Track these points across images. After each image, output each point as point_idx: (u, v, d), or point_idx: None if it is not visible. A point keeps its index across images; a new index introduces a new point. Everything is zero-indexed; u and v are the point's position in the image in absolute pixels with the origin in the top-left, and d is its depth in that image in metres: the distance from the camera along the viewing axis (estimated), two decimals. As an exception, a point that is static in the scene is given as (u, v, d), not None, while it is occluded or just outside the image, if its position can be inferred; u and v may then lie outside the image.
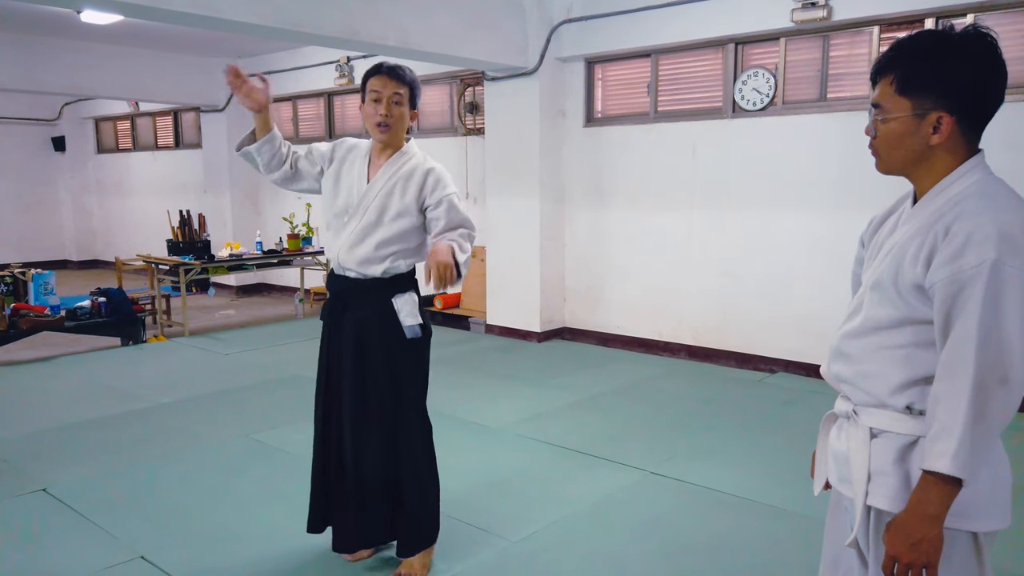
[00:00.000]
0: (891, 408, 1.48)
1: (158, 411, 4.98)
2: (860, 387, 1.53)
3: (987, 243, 1.32)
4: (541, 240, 6.80)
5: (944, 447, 1.33)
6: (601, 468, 3.94)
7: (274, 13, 4.87)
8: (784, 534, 3.19)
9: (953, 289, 1.35)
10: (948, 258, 1.36)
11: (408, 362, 2.73)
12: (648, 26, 6.07)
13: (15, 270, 6.86)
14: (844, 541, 1.60)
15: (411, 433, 2.77)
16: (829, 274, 5.39)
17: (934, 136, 1.43)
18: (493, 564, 2.97)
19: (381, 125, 2.65)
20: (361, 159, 2.77)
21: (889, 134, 1.47)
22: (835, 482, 1.61)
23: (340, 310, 2.74)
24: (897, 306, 1.46)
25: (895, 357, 1.47)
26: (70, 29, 7.75)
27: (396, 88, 2.64)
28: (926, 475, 1.37)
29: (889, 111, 1.46)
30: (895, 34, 5.15)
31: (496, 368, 6.06)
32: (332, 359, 2.77)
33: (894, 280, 1.45)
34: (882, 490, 1.47)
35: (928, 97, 1.42)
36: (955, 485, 1.34)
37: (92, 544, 3.15)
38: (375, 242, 2.65)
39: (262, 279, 10.10)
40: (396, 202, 2.66)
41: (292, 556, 3.02)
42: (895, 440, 1.47)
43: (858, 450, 1.51)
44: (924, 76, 1.42)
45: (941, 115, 1.42)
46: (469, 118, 7.59)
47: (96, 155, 12.86)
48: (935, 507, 1.35)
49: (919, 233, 1.43)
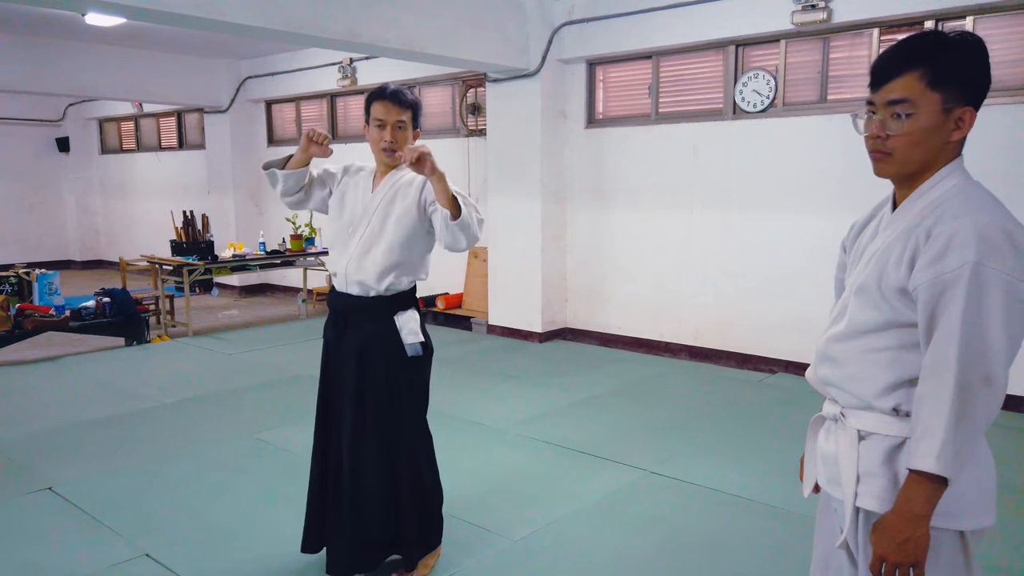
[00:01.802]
0: (878, 410, 1.49)
1: (162, 411, 5.02)
2: (847, 390, 1.54)
3: (968, 245, 1.34)
4: (543, 241, 6.83)
5: (928, 447, 1.34)
6: (602, 468, 3.97)
7: (277, 15, 4.91)
8: (783, 534, 3.21)
9: (936, 291, 1.36)
10: (930, 261, 1.37)
11: (409, 380, 2.73)
12: (649, 28, 6.10)
13: (20, 270, 6.91)
14: (834, 542, 1.61)
15: (414, 447, 2.78)
16: (829, 275, 5.31)
17: (955, 132, 1.43)
18: (494, 563, 3.00)
19: (387, 151, 2.69)
20: (366, 178, 2.82)
21: (915, 130, 1.42)
22: (824, 484, 1.62)
23: (342, 327, 2.76)
24: (881, 309, 1.47)
25: (881, 360, 1.48)
26: (74, 31, 7.79)
27: (399, 115, 2.66)
28: (912, 475, 1.38)
29: (919, 105, 1.41)
30: (895, 36, 5.16)
31: (498, 368, 6.09)
32: (332, 377, 2.79)
33: (878, 284, 1.46)
34: (871, 491, 1.49)
35: (957, 91, 1.41)
36: (940, 484, 1.36)
37: (97, 542, 3.18)
38: (382, 249, 2.68)
39: (265, 279, 10.14)
40: (398, 206, 2.69)
41: (295, 555, 3.04)
42: (883, 442, 1.48)
43: (846, 452, 1.52)
44: (957, 70, 1.41)
45: (966, 110, 1.41)
46: (471, 119, 7.62)
47: (100, 156, 12.91)
48: (921, 506, 1.37)
49: (902, 237, 1.44)
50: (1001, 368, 1.35)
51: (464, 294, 7.85)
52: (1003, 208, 1.41)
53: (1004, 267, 1.33)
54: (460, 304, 7.84)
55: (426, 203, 2.69)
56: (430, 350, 2.81)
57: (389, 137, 2.66)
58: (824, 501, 1.69)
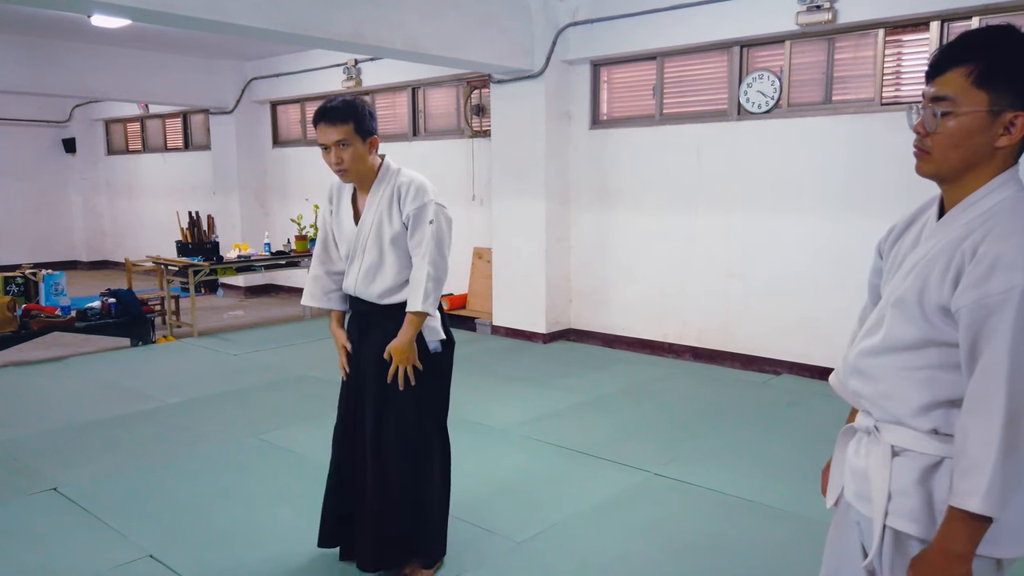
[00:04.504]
0: (914, 428, 1.41)
1: (167, 411, 5.03)
2: (880, 406, 1.46)
3: (1016, 268, 1.24)
4: (547, 242, 6.83)
5: (974, 484, 1.26)
6: (606, 469, 3.96)
7: (282, 17, 4.92)
8: (788, 536, 3.21)
9: (980, 315, 1.27)
10: (974, 282, 1.27)
11: (429, 375, 2.74)
12: (653, 29, 6.09)
13: (26, 271, 6.93)
14: (847, 557, 1.54)
15: (429, 451, 2.79)
16: (834, 277, 5.40)
17: (1003, 137, 1.32)
18: (498, 564, 3.00)
19: (339, 173, 2.67)
20: (347, 196, 2.81)
21: (955, 130, 1.33)
22: (852, 498, 1.54)
23: (364, 327, 2.80)
24: (921, 327, 1.38)
25: (917, 379, 1.40)
26: (80, 32, 7.82)
27: (337, 135, 2.56)
28: (954, 511, 1.29)
29: (960, 104, 1.32)
30: (900, 37, 5.15)
31: (501, 369, 6.09)
32: (355, 373, 2.81)
33: (918, 299, 1.37)
34: (902, 511, 1.41)
35: (1008, 93, 1.30)
36: (985, 522, 1.28)
37: (102, 543, 3.19)
38: (387, 276, 2.71)
39: (270, 280, 10.16)
40: (387, 230, 2.69)
41: (300, 556, 3.05)
42: (918, 460, 1.40)
43: (878, 468, 1.44)
44: (1010, 69, 1.30)
45: (1019, 115, 1.30)
46: (475, 120, 7.62)
47: (106, 157, 12.95)
48: (963, 545, 1.29)
49: (946, 251, 1.34)
50: None
51: (468, 295, 7.85)
52: None
53: None
54: (464, 305, 7.84)
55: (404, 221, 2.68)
56: (451, 345, 2.83)
57: (333, 159, 2.61)
58: (842, 512, 1.61)
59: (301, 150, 9.57)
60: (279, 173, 9.90)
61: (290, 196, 9.71)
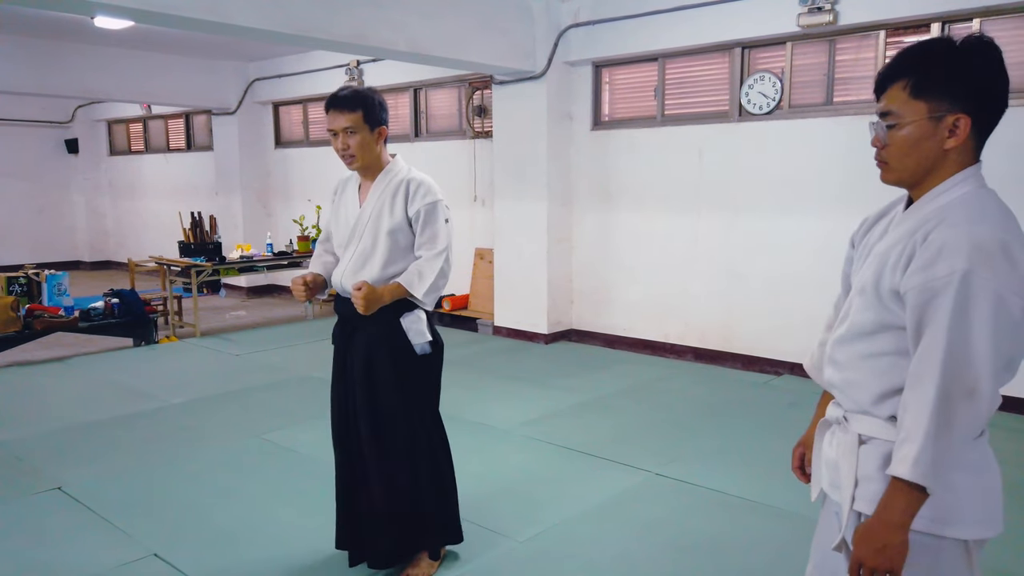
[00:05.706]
0: (876, 416, 1.49)
1: (170, 411, 5.05)
2: (847, 394, 1.55)
3: (959, 253, 1.32)
4: (548, 242, 6.84)
5: (906, 454, 1.34)
6: (607, 469, 3.97)
7: (284, 18, 4.93)
8: (788, 536, 3.21)
9: (924, 297, 1.35)
10: (921, 266, 1.36)
11: (418, 378, 2.75)
12: (655, 30, 6.11)
13: (29, 271, 6.96)
14: (831, 545, 1.61)
15: (428, 444, 2.81)
16: (835, 277, 5.37)
17: (950, 139, 1.41)
18: (499, 564, 3.01)
19: (345, 159, 2.69)
20: (352, 188, 2.82)
21: (902, 140, 1.43)
22: (827, 488, 1.62)
23: (349, 332, 2.78)
24: (877, 311, 1.46)
25: (877, 366, 1.48)
26: (83, 33, 7.85)
27: (345, 122, 2.60)
28: (893, 481, 1.38)
29: (902, 116, 1.43)
30: (901, 38, 5.16)
31: (503, 369, 6.11)
32: (344, 380, 2.80)
33: (876, 285, 1.46)
34: (867, 495, 1.48)
35: (945, 99, 1.39)
36: (920, 493, 1.35)
37: (106, 542, 3.21)
38: (376, 266, 2.69)
39: (272, 280, 10.17)
40: (387, 221, 2.69)
41: (303, 555, 3.07)
42: (881, 447, 1.48)
43: (846, 456, 1.52)
44: (942, 77, 1.39)
45: (959, 117, 1.39)
46: (477, 121, 7.64)
47: (109, 157, 12.98)
48: (899, 514, 1.36)
49: (902, 239, 1.43)
50: (986, 379, 1.32)
51: (470, 295, 7.86)
52: (1010, 220, 1.39)
53: (995, 277, 1.31)
54: (466, 305, 7.85)
55: (412, 216, 2.69)
56: (440, 347, 2.82)
57: (340, 146, 2.64)
58: (826, 505, 1.69)
59: (304, 151, 9.59)
60: (281, 174, 9.92)
61: (292, 197, 9.73)
